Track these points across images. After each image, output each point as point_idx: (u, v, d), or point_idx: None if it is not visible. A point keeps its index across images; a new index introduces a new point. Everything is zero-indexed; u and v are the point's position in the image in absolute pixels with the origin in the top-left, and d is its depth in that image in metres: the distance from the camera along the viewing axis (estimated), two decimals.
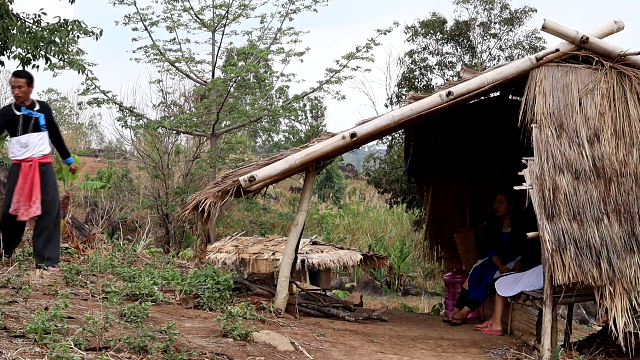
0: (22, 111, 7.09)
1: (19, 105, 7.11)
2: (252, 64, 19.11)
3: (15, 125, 7.07)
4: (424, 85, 21.42)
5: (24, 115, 7.07)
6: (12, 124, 7.07)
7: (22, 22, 9.95)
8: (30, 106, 7.14)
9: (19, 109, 7.10)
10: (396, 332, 6.69)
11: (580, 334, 10.09)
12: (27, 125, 7.09)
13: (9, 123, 7.08)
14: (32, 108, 7.13)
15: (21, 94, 7.05)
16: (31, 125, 7.09)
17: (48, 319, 4.21)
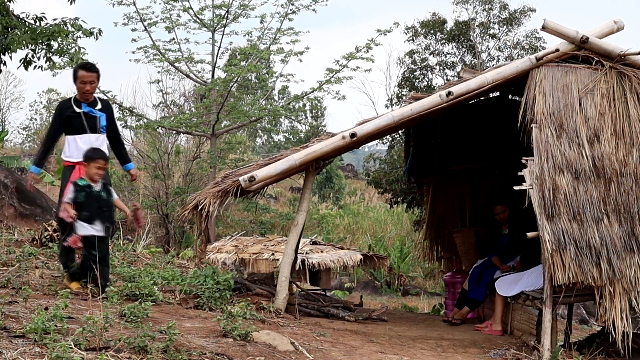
0: (82, 108, 6.38)
1: (80, 102, 6.40)
2: (253, 64, 19.11)
3: (74, 123, 6.37)
4: (424, 85, 21.42)
5: (84, 113, 6.37)
6: (71, 122, 6.37)
7: (22, 21, 9.97)
8: (92, 104, 6.44)
9: (79, 106, 6.39)
10: (396, 332, 6.69)
11: (580, 334, 10.09)
12: (87, 124, 6.39)
13: (67, 120, 6.37)
14: (93, 106, 6.43)
15: (92, 91, 6.38)
16: (91, 125, 6.40)
17: (48, 319, 4.21)
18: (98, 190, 6.05)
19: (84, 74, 6.32)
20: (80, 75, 6.32)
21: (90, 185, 6.02)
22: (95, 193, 6.03)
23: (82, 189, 5.98)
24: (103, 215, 6.02)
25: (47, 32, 9.74)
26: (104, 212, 6.05)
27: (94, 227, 5.95)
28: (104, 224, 6.02)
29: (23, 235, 10.26)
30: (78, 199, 5.93)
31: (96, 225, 5.97)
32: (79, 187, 5.97)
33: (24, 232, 10.78)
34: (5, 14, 9.75)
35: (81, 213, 5.88)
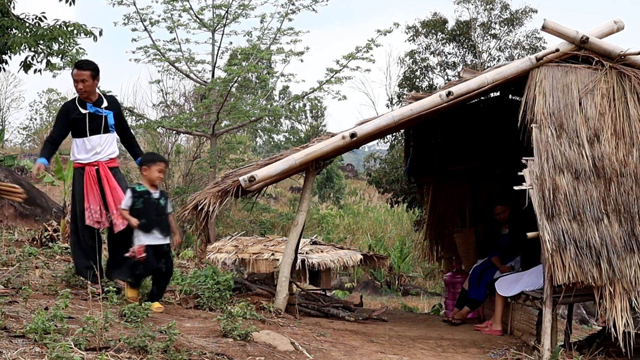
0: (88, 109, 6.15)
1: (84, 102, 6.17)
2: (253, 65, 19.11)
3: (81, 126, 6.13)
4: (425, 85, 21.42)
5: (90, 114, 6.15)
6: (77, 124, 6.13)
7: (22, 22, 9.97)
8: (97, 102, 6.20)
9: (84, 106, 6.15)
10: (396, 332, 6.69)
11: (580, 334, 10.09)
12: (94, 125, 6.16)
13: (72, 123, 6.12)
14: (99, 105, 6.20)
15: (85, 89, 6.12)
16: (99, 125, 6.17)
17: (48, 319, 4.21)
18: (157, 197, 5.70)
19: (75, 72, 6.14)
20: (73, 74, 6.15)
21: (149, 191, 5.65)
22: (153, 200, 5.66)
23: (140, 195, 5.59)
24: (162, 224, 5.65)
25: (49, 34, 9.74)
26: (162, 220, 5.67)
27: (155, 236, 5.57)
28: (164, 232, 5.64)
29: (23, 235, 10.27)
30: (135, 205, 5.55)
31: (156, 234, 5.59)
32: (136, 193, 5.58)
33: (24, 232, 10.79)
34: (5, 15, 9.75)
35: (140, 221, 5.53)
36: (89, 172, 6.12)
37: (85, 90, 6.13)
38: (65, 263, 7.78)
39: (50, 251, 8.49)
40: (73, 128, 6.15)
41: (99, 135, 6.16)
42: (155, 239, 5.58)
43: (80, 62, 6.33)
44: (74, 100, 6.23)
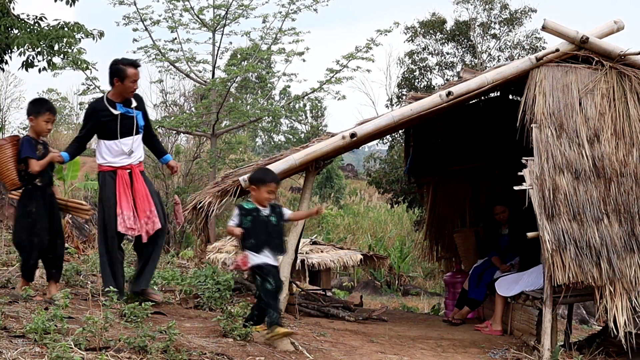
0: (118, 109, 5.77)
1: (114, 102, 5.79)
2: (252, 64, 19.11)
3: (111, 127, 5.74)
4: (424, 85, 21.43)
5: (121, 115, 5.77)
6: (107, 126, 5.74)
7: (23, 22, 9.98)
8: (127, 103, 5.84)
9: (114, 107, 5.77)
10: (396, 332, 6.69)
11: (580, 334, 10.09)
12: (126, 126, 5.80)
13: (102, 124, 5.75)
14: (128, 105, 5.84)
15: (136, 88, 5.89)
16: (130, 127, 5.81)
17: (48, 319, 4.21)
18: (266, 214, 5.17)
19: (135, 72, 5.76)
20: (130, 73, 5.72)
21: (258, 208, 5.15)
22: (263, 218, 5.15)
23: (248, 213, 5.11)
24: (273, 243, 5.15)
25: (52, 33, 9.75)
26: (273, 239, 5.18)
27: (265, 256, 5.08)
28: (275, 252, 5.15)
29: None
30: (243, 224, 5.09)
31: (266, 254, 5.09)
32: (244, 210, 5.12)
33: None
34: (5, 14, 9.76)
35: (247, 240, 5.07)
36: (122, 176, 5.75)
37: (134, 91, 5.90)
38: (65, 263, 7.78)
39: None
40: (102, 129, 5.77)
41: (131, 137, 5.80)
42: (265, 259, 5.08)
43: (136, 61, 6.03)
44: (102, 101, 5.85)
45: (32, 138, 5.65)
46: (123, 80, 5.73)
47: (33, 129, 5.68)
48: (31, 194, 5.60)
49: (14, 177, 5.56)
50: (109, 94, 5.87)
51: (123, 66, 5.77)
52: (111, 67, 5.85)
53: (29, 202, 5.59)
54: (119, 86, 5.76)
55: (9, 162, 5.53)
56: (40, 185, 5.63)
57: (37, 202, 5.60)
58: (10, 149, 5.53)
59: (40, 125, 5.66)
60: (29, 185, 5.59)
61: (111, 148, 5.77)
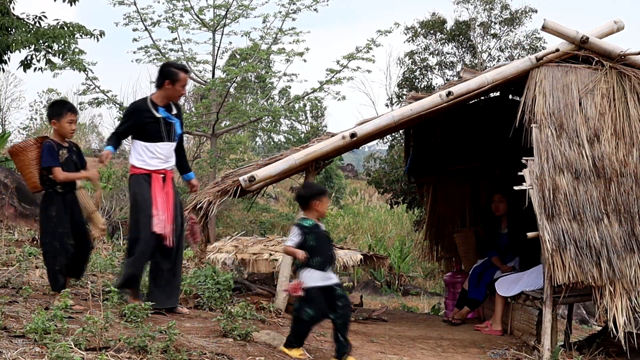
0: (160, 113, 5.72)
1: (156, 105, 5.75)
2: (252, 64, 19.10)
3: (152, 130, 5.67)
4: (424, 85, 21.43)
5: (163, 119, 5.72)
6: (148, 127, 5.67)
7: (22, 22, 9.98)
8: (167, 108, 5.80)
9: (157, 109, 5.72)
10: (396, 332, 6.69)
11: (580, 334, 10.09)
12: (165, 131, 5.73)
13: (143, 125, 5.68)
14: (169, 111, 5.79)
15: (184, 94, 5.90)
16: (168, 133, 5.75)
17: (48, 319, 4.21)
18: (324, 229, 5.02)
19: (185, 77, 5.77)
20: (182, 77, 5.71)
21: (317, 224, 4.96)
22: (323, 233, 4.97)
23: (310, 231, 4.88)
24: (333, 260, 4.96)
25: (51, 33, 9.75)
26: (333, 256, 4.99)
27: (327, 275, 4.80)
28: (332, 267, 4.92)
29: (23, 235, 10.27)
30: (308, 243, 4.82)
31: (329, 273, 4.84)
32: (306, 229, 4.88)
33: (24, 232, 10.77)
34: (5, 14, 9.76)
35: (313, 259, 4.78)
36: (157, 179, 5.67)
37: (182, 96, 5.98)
38: None
39: None
40: (142, 130, 5.68)
41: (168, 143, 5.75)
42: (326, 279, 4.82)
43: (185, 65, 5.97)
44: (145, 101, 5.76)
45: (54, 143, 5.50)
46: (174, 83, 5.71)
47: (57, 132, 5.60)
48: (51, 198, 5.47)
49: (35, 181, 5.46)
50: (153, 95, 5.81)
51: (176, 69, 5.78)
52: (163, 69, 5.87)
53: (49, 206, 5.47)
54: (169, 89, 5.73)
55: (32, 165, 5.42)
56: (62, 192, 5.48)
57: (57, 206, 5.45)
58: (35, 151, 5.43)
59: (63, 127, 5.57)
60: (50, 189, 5.47)
61: (148, 151, 5.70)
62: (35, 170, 5.45)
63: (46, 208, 5.47)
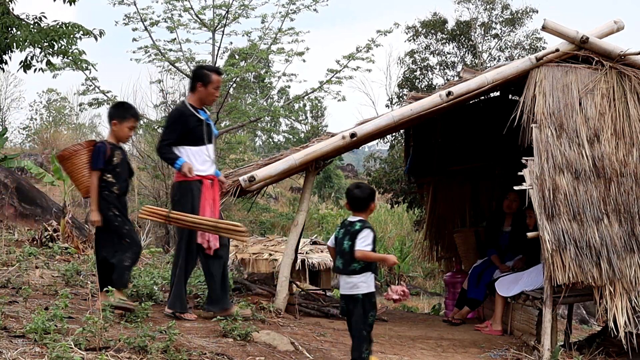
0: (201, 115, 5.70)
1: (195, 107, 5.72)
2: (252, 64, 19.10)
3: (198, 133, 5.64)
4: (425, 85, 21.42)
5: (204, 121, 5.70)
6: (195, 131, 5.63)
7: (23, 21, 9.98)
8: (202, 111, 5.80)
9: (198, 112, 5.72)
10: (396, 332, 6.69)
11: (580, 334, 10.09)
12: (208, 133, 5.72)
13: (191, 130, 5.62)
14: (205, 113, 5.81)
15: (218, 96, 5.89)
16: (210, 134, 5.74)
17: (48, 319, 4.21)
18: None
19: (218, 79, 5.76)
20: (214, 79, 5.71)
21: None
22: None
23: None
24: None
25: (52, 32, 9.75)
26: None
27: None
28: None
29: (23, 235, 10.28)
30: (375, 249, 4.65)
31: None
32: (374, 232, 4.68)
33: (24, 232, 10.79)
34: (6, 14, 9.76)
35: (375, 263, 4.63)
36: (207, 186, 5.62)
37: (216, 98, 5.92)
38: (65, 263, 7.78)
39: (50, 251, 8.49)
40: (190, 135, 5.61)
41: (212, 145, 5.74)
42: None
43: (220, 68, 5.91)
44: (186, 105, 5.73)
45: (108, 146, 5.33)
46: (207, 85, 5.71)
47: (115, 133, 5.44)
48: (110, 199, 5.30)
49: (88, 185, 5.29)
50: (189, 99, 5.79)
51: (208, 72, 5.77)
52: (195, 71, 5.88)
53: (109, 206, 5.29)
54: (202, 91, 5.72)
55: (84, 169, 5.27)
56: (117, 194, 5.35)
57: (117, 207, 5.31)
58: (86, 155, 5.28)
59: (123, 131, 5.44)
60: (105, 191, 5.29)
61: (198, 155, 5.63)
62: (87, 174, 5.30)
63: (107, 209, 5.27)
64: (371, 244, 4.55)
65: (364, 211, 4.67)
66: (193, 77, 5.83)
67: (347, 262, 4.56)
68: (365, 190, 4.75)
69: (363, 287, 4.53)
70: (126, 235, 5.31)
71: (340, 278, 4.66)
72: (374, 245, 4.57)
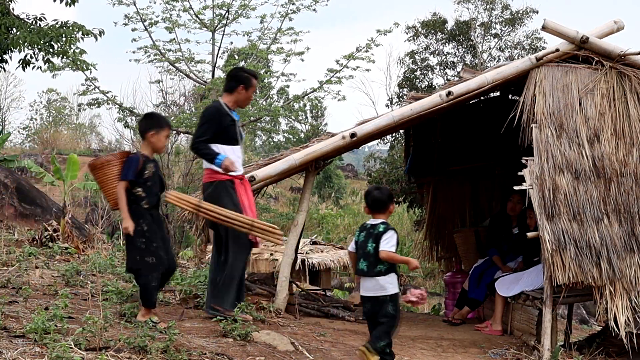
0: (234, 116, 5.76)
1: (230, 108, 5.76)
2: (252, 64, 19.10)
3: (231, 132, 5.68)
4: (425, 85, 21.43)
5: (237, 122, 5.77)
6: (229, 130, 5.67)
7: (23, 22, 9.99)
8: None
9: (231, 112, 5.76)
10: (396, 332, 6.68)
11: (580, 334, 10.10)
12: (239, 134, 5.81)
13: (225, 129, 5.65)
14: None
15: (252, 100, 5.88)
16: (240, 135, 5.82)
17: (48, 319, 4.21)
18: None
19: (256, 83, 5.83)
20: (255, 84, 5.80)
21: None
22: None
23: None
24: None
25: (52, 32, 9.75)
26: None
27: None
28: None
29: (23, 235, 10.28)
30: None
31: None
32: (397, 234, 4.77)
33: (24, 232, 10.79)
34: (5, 14, 9.76)
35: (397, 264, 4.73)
36: (239, 185, 5.66)
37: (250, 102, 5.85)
38: (65, 263, 7.78)
39: (50, 251, 8.49)
40: (224, 134, 5.63)
41: (241, 146, 5.80)
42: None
43: (256, 71, 5.98)
44: (221, 105, 5.75)
45: (141, 158, 5.16)
46: (248, 89, 5.78)
47: (153, 144, 5.25)
48: (139, 213, 5.11)
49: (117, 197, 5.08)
50: (224, 99, 5.80)
51: (250, 75, 5.82)
52: (237, 74, 5.90)
53: (139, 220, 5.09)
54: (242, 94, 5.78)
55: (115, 181, 5.07)
56: (146, 208, 5.14)
57: (147, 221, 5.11)
58: (117, 166, 5.08)
59: (161, 141, 5.27)
60: (134, 205, 5.09)
61: (230, 154, 5.63)
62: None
63: (136, 224, 5.06)
64: (395, 245, 4.58)
65: (384, 212, 4.70)
66: (234, 79, 5.83)
67: (372, 264, 4.58)
68: (385, 192, 4.79)
69: (390, 288, 4.57)
70: (152, 253, 5.10)
71: (363, 280, 4.65)
72: (397, 246, 4.60)
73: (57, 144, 33.23)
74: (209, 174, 5.68)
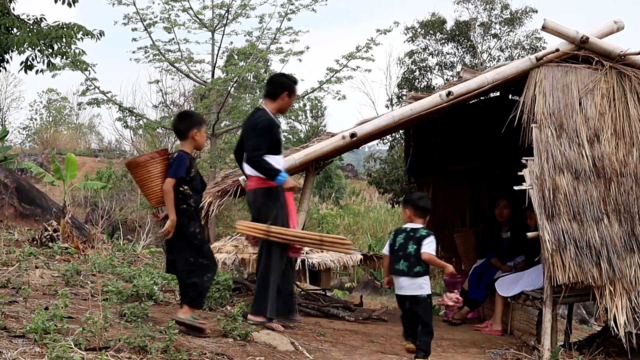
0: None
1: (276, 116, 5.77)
2: (252, 64, 19.11)
3: (280, 141, 5.67)
4: (424, 85, 21.44)
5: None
6: (279, 139, 5.66)
7: (23, 22, 9.99)
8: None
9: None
10: (396, 332, 6.67)
11: (580, 334, 10.09)
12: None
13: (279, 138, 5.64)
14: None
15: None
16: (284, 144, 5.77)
17: (48, 319, 4.21)
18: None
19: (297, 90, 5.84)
20: (296, 90, 5.80)
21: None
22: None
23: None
24: None
25: (53, 33, 9.76)
26: None
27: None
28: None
29: (23, 235, 10.27)
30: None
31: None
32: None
33: (24, 232, 10.78)
34: (5, 14, 9.77)
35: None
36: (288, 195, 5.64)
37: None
38: (65, 263, 7.78)
39: (50, 251, 8.49)
40: (275, 143, 5.60)
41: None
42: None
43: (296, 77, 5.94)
44: (270, 114, 5.68)
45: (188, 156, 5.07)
46: (291, 95, 5.76)
47: (196, 142, 5.14)
48: (189, 214, 5.00)
49: (160, 195, 4.94)
50: (267, 106, 5.74)
51: (292, 82, 5.80)
52: (280, 80, 5.84)
53: (190, 221, 4.98)
54: (286, 101, 5.74)
55: (158, 179, 4.93)
56: (194, 206, 5.05)
57: (197, 222, 5.01)
58: (161, 164, 4.96)
59: (203, 138, 5.18)
60: (183, 205, 4.97)
61: (280, 163, 5.63)
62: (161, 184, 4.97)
63: (187, 225, 4.96)
64: (435, 249, 4.97)
65: (424, 218, 5.11)
66: (277, 86, 5.74)
67: (412, 264, 4.93)
68: (429, 201, 5.27)
69: (426, 287, 4.94)
70: (205, 254, 5.04)
71: (400, 280, 4.97)
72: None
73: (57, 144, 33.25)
74: (255, 181, 5.60)
